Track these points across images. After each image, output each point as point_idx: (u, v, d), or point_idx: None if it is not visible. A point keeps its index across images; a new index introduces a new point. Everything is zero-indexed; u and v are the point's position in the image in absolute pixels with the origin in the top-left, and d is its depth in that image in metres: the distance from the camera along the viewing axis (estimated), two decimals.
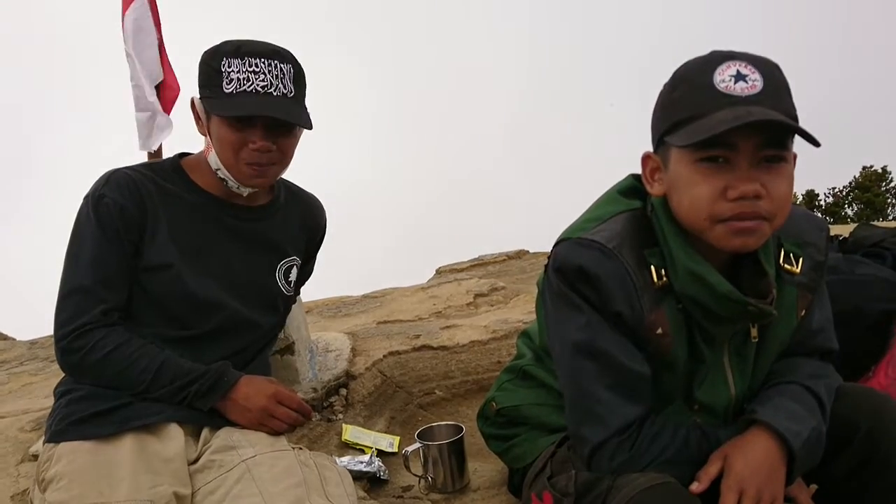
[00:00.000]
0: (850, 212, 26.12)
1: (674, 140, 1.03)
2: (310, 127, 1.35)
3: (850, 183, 27.39)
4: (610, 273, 1.10)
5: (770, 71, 1.02)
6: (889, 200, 26.75)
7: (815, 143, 0.98)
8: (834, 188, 27.41)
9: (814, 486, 1.25)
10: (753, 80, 1.00)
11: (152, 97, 2.72)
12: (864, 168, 27.56)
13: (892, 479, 1.12)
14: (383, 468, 1.77)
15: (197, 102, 1.37)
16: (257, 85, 1.27)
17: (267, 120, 1.30)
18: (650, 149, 1.14)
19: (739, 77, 1.00)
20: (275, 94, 1.28)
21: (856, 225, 2.31)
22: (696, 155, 1.02)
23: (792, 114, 1.02)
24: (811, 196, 26.82)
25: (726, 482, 1.07)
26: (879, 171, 27.21)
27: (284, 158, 1.37)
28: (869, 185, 26.86)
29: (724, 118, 0.97)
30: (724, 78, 1.00)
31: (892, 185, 27.00)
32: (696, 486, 1.08)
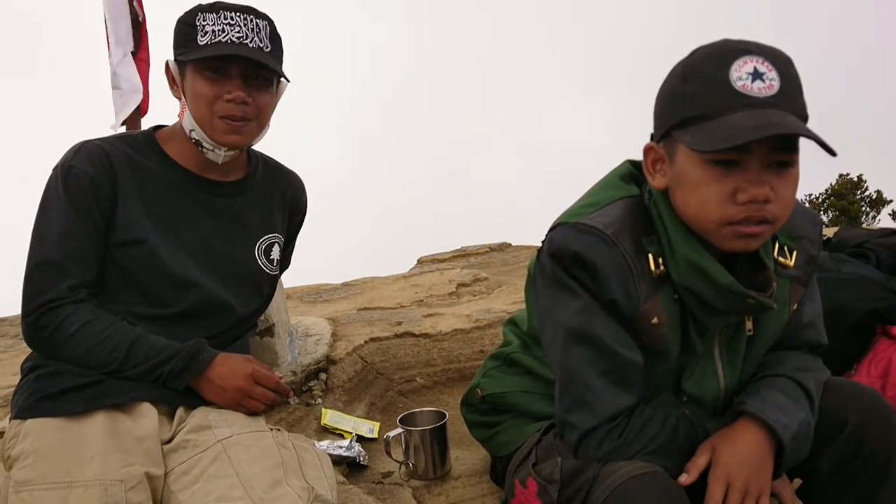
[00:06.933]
0: (825, 218, 26.56)
1: (686, 140, 1.00)
2: (286, 79, 1.34)
3: (826, 190, 27.85)
4: (607, 260, 1.08)
5: (786, 68, 0.99)
6: (863, 208, 27.26)
7: (832, 153, 0.96)
8: (810, 195, 27.85)
9: (798, 481, 1.24)
10: (770, 80, 0.97)
11: (121, 69, 2.68)
12: (840, 176, 28.04)
13: (878, 475, 1.12)
14: (363, 453, 1.74)
15: (171, 65, 1.34)
16: (232, 36, 1.26)
17: (242, 68, 1.28)
18: (642, 142, 1.12)
19: (756, 75, 0.97)
20: (250, 45, 1.27)
21: (839, 226, 2.33)
22: (707, 155, 1.00)
23: (805, 114, 1.00)
24: None
25: (713, 473, 1.06)
26: (855, 179, 27.72)
27: (260, 116, 1.33)
28: (844, 193, 27.33)
29: (742, 124, 0.95)
30: (740, 75, 0.97)
31: (867, 193, 27.52)
32: (684, 479, 1.06)
